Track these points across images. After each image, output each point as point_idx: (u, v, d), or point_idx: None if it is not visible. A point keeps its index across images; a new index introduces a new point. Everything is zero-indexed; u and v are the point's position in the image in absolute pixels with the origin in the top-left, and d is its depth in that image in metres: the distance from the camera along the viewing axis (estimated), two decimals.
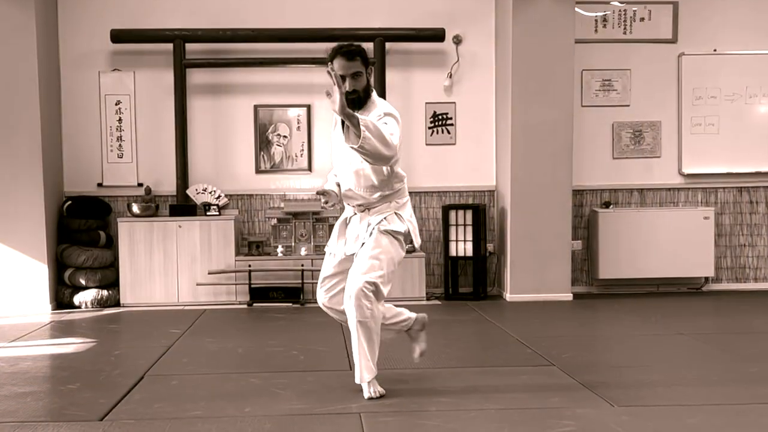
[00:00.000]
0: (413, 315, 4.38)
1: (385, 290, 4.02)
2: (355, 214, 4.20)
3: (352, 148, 3.77)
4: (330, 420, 3.68)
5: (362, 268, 3.99)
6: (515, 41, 7.32)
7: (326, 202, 4.16)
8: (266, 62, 7.72)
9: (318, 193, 4.15)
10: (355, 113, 3.76)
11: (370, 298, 3.94)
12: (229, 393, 4.20)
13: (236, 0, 7.77)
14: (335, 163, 4.29)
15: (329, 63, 3.99)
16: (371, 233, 4.07)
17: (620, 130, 7.96)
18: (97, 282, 7.34)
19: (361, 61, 3.97)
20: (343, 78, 3.92)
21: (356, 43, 4.04)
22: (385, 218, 4.11)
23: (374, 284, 3.95)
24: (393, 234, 4.10)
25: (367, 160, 3.88)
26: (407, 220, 4.21)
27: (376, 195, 4.12)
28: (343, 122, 3.86)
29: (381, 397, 4.02)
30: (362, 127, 3.66)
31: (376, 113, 3.97)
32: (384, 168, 4.02)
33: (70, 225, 7.38)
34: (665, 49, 7.96)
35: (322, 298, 4.27)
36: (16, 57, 7.06)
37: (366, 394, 4.01)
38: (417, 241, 4.30)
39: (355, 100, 3.97)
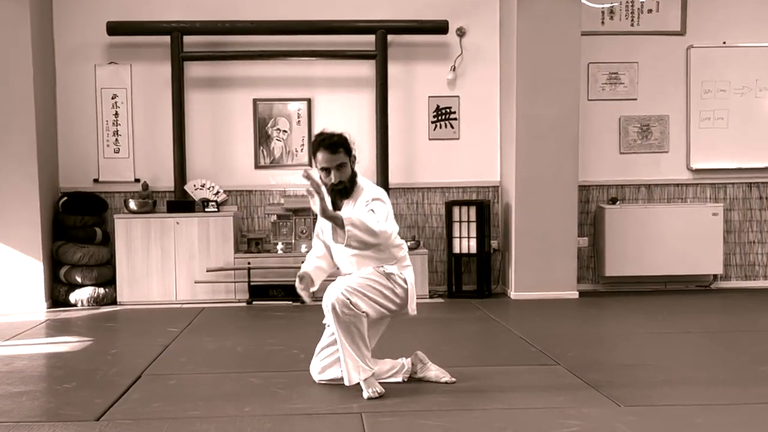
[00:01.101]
0: (407, 359, 4.38)
1: (363, 306, 3.99)
2: None
3: (339, 244, 3.87)
4: (331, 420, 3.70)
5: (342, 283, 4.05)
6: (520, 33, 7.32)
7: (303, 289, 4.20)
8: (265, 55, 7.73)
9: (298, 276, 4.21)
10: (339, 213, 3.89)
11: (347, 304, 3.94)
12: (228, 392, 4.21)
13: None
14: (335, 253, 4.29)
15: (312, 158, 4.09)
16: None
17: (627, 124, 7.97)
18: (94, 280, 7.35)
19: (344, 152, 4.06)
20: (327, 170, 4.04)
21: (337, 134, 4.10)
22: (383, 266, 4.15)
23: (348, 298, 3.95)
24: (386, 273, 4.13)
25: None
26: (406, 279, 4.21)
27: (381, 269, 4.16)
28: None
29: (380, 396, 4.03)
30: (347, 227, 3.78)
31: (364, 199, 4.06)
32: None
33: (65, 221, 7.40)
34: (673, 42, 7.96)
35: (316, 369, 4.31)
36: (9, 50, 7.07)
37: (365, 394, 4.02)
38: (412, 308, 4.26)
39: (342, 191, 4.09)
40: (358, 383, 4.07)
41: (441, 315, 6.69)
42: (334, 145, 4.03)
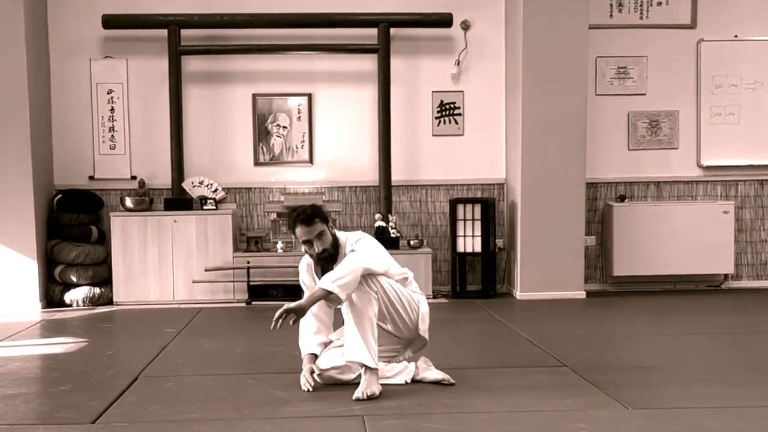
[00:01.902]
0: (410, 363, 4.44)
1: (375, 287, 4.08)
2: None
3: (349, 301, 4.05)
4: (332, 423, 3.70)
5: None
6: (526, 27, 7.31)
7: (307, 383, 4.26)
8: (265, 49, 7.72)
9: (307, 368, 4.35)
10: (314, 292, 4.06)
11: (361, 282, 4.04)
12: (227, 395, 4.21)
13: None
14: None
15: (292, 234, 4.38)
16: None
17: (636, 120, 7.96)
18: (89, 279, 7.36)
19: (320, 221, 4.22)
20: (309, 242, 4.22)
21: (309, 206, 4.32)
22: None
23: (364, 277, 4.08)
24: (404, 279, 4.34)
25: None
26: (419, 301, 4.37)
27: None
28: (322, 269, 4.23)
29: (371, 398, 4.03)
30: (332, 290, 3.94)
31: (348, 251, 4.22)
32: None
33: (60, 220, 7.40)
34: (683, 35, 7.95)
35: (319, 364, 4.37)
36: (3, 45, 7.07)
37: (356, 393, 4.02)
38: (423, 329, 4.35)
39: (327, 258, 4.24)
40: (359, 374, 4.12)
41: (445, 315, 6.69)
42: (309, 218, 4.20)
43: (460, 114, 7.95)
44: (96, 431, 3.63)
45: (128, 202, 7.46)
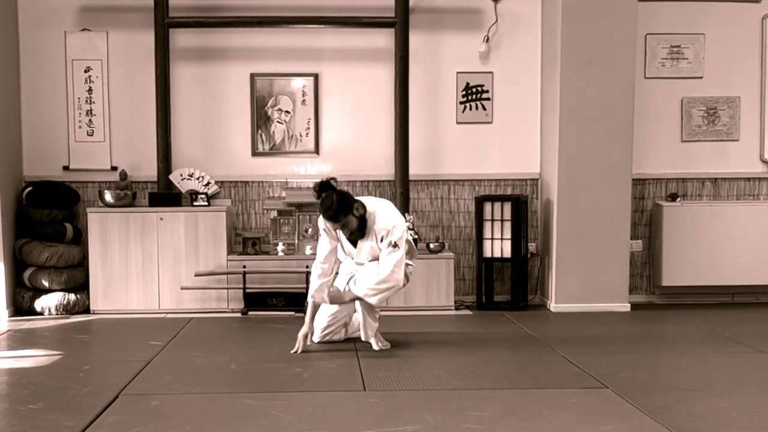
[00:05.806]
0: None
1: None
2: None
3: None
4: None
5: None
6: None
7: (304, 336, 5.97)
8: (265, 22, 7.74)
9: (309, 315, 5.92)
10: (354, 292, 5.66)
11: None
12: (220, 416, 4.25)
13: None
14: (347, 248, 5.91)
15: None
16: None
17: (691, 107, 7.97)
18: (63, 284, 7.41)
19: (342, 214, 5.52)
20: (335, 229, 5.71)
21: (334, 205, 5.50)
22: None
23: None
24: None
25: None
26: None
27: None
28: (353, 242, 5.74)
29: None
30: (370, 300, 5.63)
31: (378, 234, 5.59)
32: None
33: (30, 216, 7.45)
34: (746, 10, 7.94)
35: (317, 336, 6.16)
36: None
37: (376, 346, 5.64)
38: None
39: (357, 234, 5.67)
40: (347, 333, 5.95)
41: (469, 329, 6.71)
42: (333, 216, 5.54)
43: (488, 99, 7.97)
44: None
45: (108, 197, 7.51)
